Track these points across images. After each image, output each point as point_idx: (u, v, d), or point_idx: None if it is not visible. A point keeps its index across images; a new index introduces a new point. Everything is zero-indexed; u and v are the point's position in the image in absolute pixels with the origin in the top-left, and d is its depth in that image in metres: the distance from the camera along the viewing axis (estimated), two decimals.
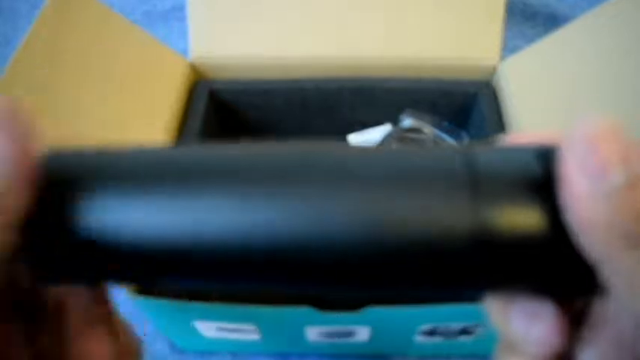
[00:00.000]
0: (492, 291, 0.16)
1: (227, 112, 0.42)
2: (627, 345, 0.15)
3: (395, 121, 0.41)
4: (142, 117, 0.34)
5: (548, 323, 0.15)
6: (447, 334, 0.32)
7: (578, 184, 0.12)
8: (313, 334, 0.32)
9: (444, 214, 0.13)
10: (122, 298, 0.37)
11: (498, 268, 0.14)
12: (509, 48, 0.39)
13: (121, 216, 0.14)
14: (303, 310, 0.29)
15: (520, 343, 0.16)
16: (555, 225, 0.13)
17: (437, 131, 0.40)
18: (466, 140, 0.42)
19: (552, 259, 0.14)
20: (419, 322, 0.31)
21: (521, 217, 0.13)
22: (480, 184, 0.14)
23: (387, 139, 0.41)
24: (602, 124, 0.12)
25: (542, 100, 0.34)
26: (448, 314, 0.30)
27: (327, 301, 0.29)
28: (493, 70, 0.39)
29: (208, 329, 0.32)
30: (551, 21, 0.52)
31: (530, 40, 0.36)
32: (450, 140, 0.41)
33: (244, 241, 0.14)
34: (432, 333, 0.32)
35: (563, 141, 0.13)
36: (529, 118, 0.34)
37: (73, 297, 0.17)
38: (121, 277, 0.15)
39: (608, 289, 0.13)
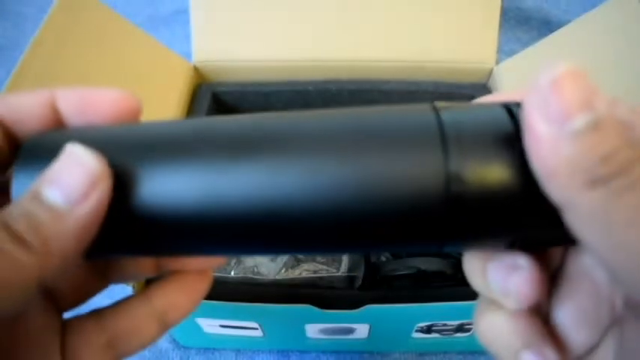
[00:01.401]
0: (468, 245, 0.16)
1: (230, 114, 0.42)
2: (604, 297, 0.15)
3: None
4: (145, 119, 0.34)
5: (525, 275, 0.15)
6: (444, 331, 0.33)
7: (540, 129, 0.12)
8: (314, 331, 0.33)
9: (417, 170, 0.13)
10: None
11: (472, 220, 0.14)
12: (504, 51, 0.40)
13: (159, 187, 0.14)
14: (304, 308, 0.29)
15: (499, 298, 0.16)
16: (524, 175, 0.13)
17: None
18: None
19: (522, 210, 0.13)
20: (416, 319, 0.31)
21: (491, 170, 0.13)
22: (451, 139, 0.14)
23: None
24: (563, 68, 0.12)
25: None
26: (445, 312, 0.30)
27: (328, 300, 0.30)
28: (489, 73, 0.40)
29: (211, 326, 0.33)
30: (545, 25, 0.52)
31: (524, 44, 0.37)
32: None
33: (231, 206, 0.14)
34: (429, 330, 0.33)
35: (527, 89, 0.13)
36: None
37: None
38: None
39: (577, 235, 0.13)
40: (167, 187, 0.14)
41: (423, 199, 0.13)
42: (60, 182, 0.13)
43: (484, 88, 0.40)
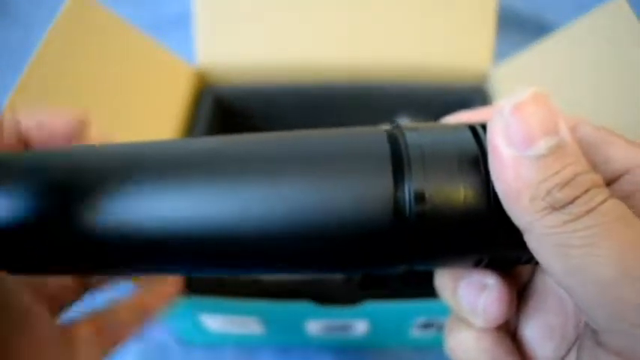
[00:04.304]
0: (435, 264, 0.15)
1: (232, 118, 0.43)
2: (570, 313, 0.16)
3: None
4: (149, 123, 0.35)
5: (493, 295, 0.15)
6: (442, 327, 0.34)
7: (503, 152, 0.12)
8: (314, 327, 0.33)
9: (366, 194, 0.13)
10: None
11: (436, 240, 0.13)
12: (500, 54, 0.40)
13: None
14: (304, 304, 0.30)
15: (468, 316, 0.16)
16: (487, 196, 0.13)
17: None
18: None
19: (486, 230, 0.13)
20: (415, 315, 0.32)
21: (454, 190, 0.13)
22: (414, 159, 0.13)
23: None
24: (527, 93, 0.12)
25: None
26: (443, 308, 0.30)
27: (327, 296, 0.30)
28: (485, 76, 0.40)
29: (213, 323, 0.33)
30: (541, 29, 0.53)
31: (520, 47, 0.37)
32: None
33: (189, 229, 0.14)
34: (427, 326, 0.34)
35: (492, 113, 0.13)
36: None
37: None
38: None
39: (537, 257, 0.13)
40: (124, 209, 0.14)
41: (371, 222, 0.13)
42: None
43: (480, 91, 0.40)
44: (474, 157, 0.14)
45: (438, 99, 0.41)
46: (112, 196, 0.14)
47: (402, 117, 0.42)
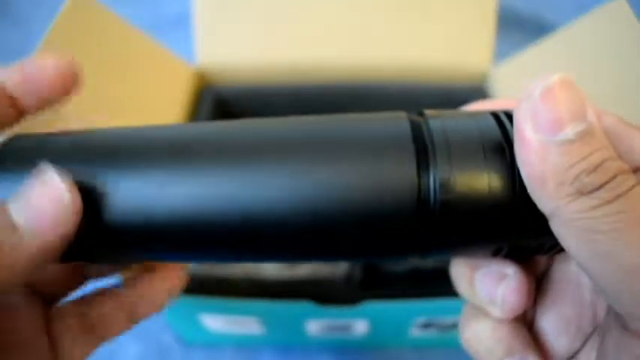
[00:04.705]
0: (455, 253, 0.15)
1: (232, 118, 0.42)
2: (587, 304, 0.15)
3: None
4: (149, 123, 0.35)
5: (512, 285, 0.15)
6: (442, 327, 0.34)
7: (531, 138, 0.12)
8: (314, 328, 0.33)
9: (389, 181, 0.13)
10: None
11: (460, 228, 0.13)
12: (500, 54, 0.40)
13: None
14: (304, 304, 0.30)
15: (485, 306, 0.16)
16: (512, 183, 0.13)
17: None
18: None
19: (510, 218, 0.13)
20: (415, 315, 0.32)
21: (478, 177, 0.13)
22: (438, 146, 0.13)
23: None
24: (555, 78, 0.12)
25: None
26: (443, 308, 0.31)
27: (327, 296, 0.30)
28: (485, 76, 0.40)
29: (214, 323, 0.33)
30: (541, 29, 0.53)
31: (520, 47, 0.37)
32: None
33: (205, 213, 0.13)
34: (427, 326, 0.34)
35: (520, 98, 0.13)
36: None
37: None
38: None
39: (563, 243, 0.13)
40: (133, 195, 0.14)
41: (394, 210, 0.13)
42: (31, 206, 0.13)
43: (480, 91, 0.40)
44: (499, 143, 0.13)
45: (438, 99, 0.41)
46: (120, 180, 0.14)
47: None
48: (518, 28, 0.55)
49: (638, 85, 0.24)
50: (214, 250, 0.15)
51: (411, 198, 0.13)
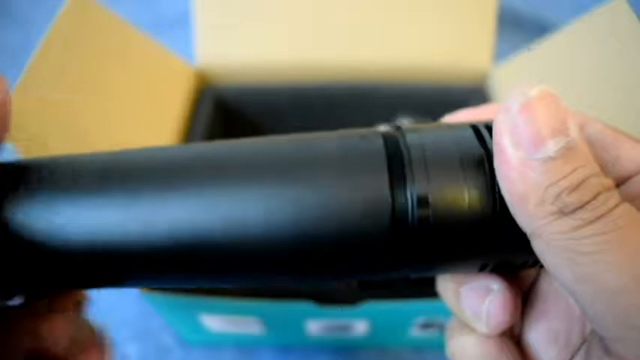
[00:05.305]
0: (438, 270, 0.15)
1: (232, 118, 0.43)
2: (575, 317, 0.15)
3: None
4: (149, 123, 0.35)
5: (498, 300, 0.15)
6: (442, 327, 0.34)
7: (510, 154, 0.12)
8: (314, 328, 0.33)
9: (361, 199, 0.12)
10: (133, 294, 0.38)
11: (439, 244, 0.13)
12: (500, 54, 0.40)
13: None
14: (304, 304, 0.30)
15: (471, 321, 0.16)
16: (492, 199, 0.13)
17: None
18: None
19: (491, 234, 0.13)
20: (415, 315, 0.32)
21: (458, 193, 0.13)
22: (416, 162, 0.13)
23: None
24: (535, 91, 0.12)
25: None
26: (443, 308, 0.31)
27: (327, 296, 0.30)
28: (485, 76, 0.40)
29: (214, 323, 0.33)
30: (541, 29, 0.53)
31: (520, 47, 0.37)
32: None
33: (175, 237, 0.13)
34: (427, 326, 0.34)
35: (498, 112, 0.12)
36: None
37: None
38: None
39: (544, 263, 0.12)
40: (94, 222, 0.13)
41: (368, 228, 0.13)
42: None
43: (480, 91, 0.40)
44: (478, 158, 0.13)
45: (438, 99, 0.41)
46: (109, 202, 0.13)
47: (402, 117, 0.42)
48: (518, 28, 0.55)
49: (638, 84, 0.24)
50: (194, 274, 0.14)
51: (384, 214, 0.13)
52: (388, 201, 0.13)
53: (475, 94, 0.40)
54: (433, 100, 0.41)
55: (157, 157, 0.14)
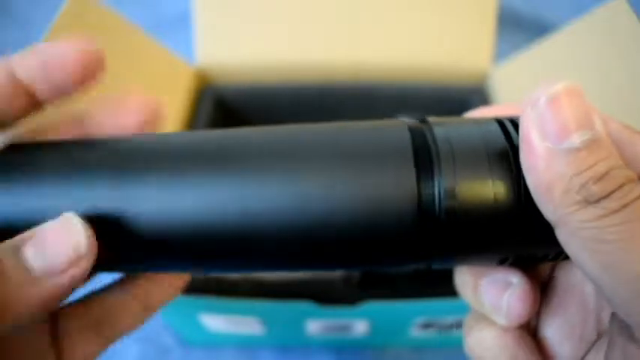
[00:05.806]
0: (460, 262, 0.15)
1: (232, 118, 0.43)
2: (591, 311, 0.15)
3: None
4: None
5: (518, 293, 0.15)
6: (442, 327, 0.34)
7: (537, 145, 0.12)
8: (314, 327, 0.34)
9: (388, 190, 0.13)
10: None
11: (464, 236, 0.13)
12: (500, 54, 0.40)
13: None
14: (304, 304, 0.30)
15: (490, 314, 0.16)
16: (517, 192, 0.13)
17: None
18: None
19: (516, 226, 0.13)
20: (415, 315, 0.32)
21: (484, 185, 0.13)
22: (443, 154, 0.13)
23: None
24: (560, 86, 0.12)
25: None
26: (442, 308, 0.31)
27: (328, 296, 0.30)
28: (485, 76, 0.40)
29: (214, 323, 0.33)
30: (541, 29, 0.53)
31: (520, 47, 0.37)
32: None
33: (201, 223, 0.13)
34: (427, 326, 0.34)
35: (524, 105, 0.13)
36: None
37: None
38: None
39: (568, 252, 0.13)
40: (149, 212, 0.14)
41: (394, 220, 0.13)
42: (45, 247, 0.13)
43: (480, 91, 0.40)
44: (504, 151, 0.13)
45: (438, 99, 0.41)
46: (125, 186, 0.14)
47: (402, 117, 0.42)
48: (518, 28, 0.55)
49: (638, 84, 0.24)
50: (219, 259, 0.14)
51: (411, 206, 0.13)
52: (415, 193, 0.13)
53: (475, 94, 0.40)
54: (433, 100, 0.41)
55: (202, 140, 0.15)
